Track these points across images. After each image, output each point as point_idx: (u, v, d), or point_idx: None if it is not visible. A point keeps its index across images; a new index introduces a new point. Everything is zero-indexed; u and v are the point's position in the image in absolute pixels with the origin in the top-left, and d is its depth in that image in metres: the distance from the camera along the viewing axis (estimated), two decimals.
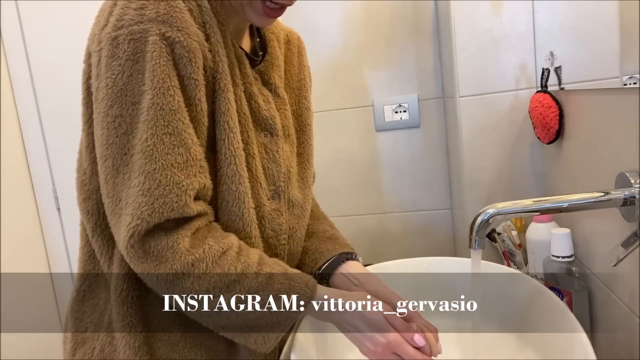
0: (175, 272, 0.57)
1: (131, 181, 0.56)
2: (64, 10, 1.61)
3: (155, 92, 0.55)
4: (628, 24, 0.68)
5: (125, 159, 0.56)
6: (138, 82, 0.55)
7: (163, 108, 0.55)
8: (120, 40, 0.55)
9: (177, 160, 0.56)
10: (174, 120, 0.56)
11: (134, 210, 0.55)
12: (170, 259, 0.56)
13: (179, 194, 0.56)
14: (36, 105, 1.69)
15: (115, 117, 0.56)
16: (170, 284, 0.58)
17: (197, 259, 0.57)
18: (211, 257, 0.58)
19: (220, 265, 0.59)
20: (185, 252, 0.57)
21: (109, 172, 0.57)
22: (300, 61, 0.83)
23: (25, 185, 1.73)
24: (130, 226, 0.55)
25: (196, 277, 0.57)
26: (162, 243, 0.56)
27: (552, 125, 0.90)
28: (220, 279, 0.58)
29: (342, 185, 1.49)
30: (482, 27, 1.07)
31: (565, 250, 0.80)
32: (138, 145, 0.55)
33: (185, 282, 0.57)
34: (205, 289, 0.58)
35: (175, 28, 0.55)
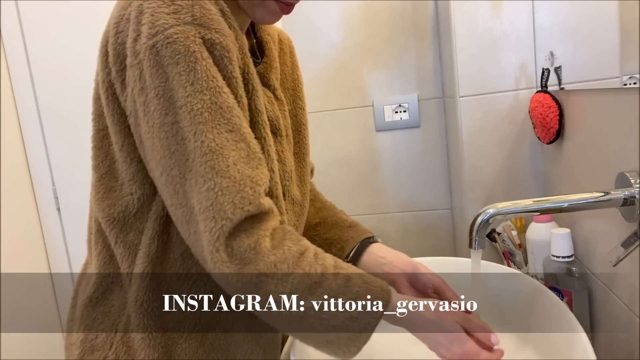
0: (259, 273, 0.56)
1: (201, 185, 0.54)
2: (64, 10, 1.61)
3: (212, 91, 0.54)
4: (628, 24, 0.68)
5: (189, 165, 0.55)
6: (183, 83, 0.54)
7: (221, 106, 0.55)
8: (159, 47, 0.53)
9: (242, 155, 0.56)
10: (232, 117, 0.56)
11: (216, 213, 0.54)
12: (253, 260, 0.56)
13: (252, 186, 0.55)
14: (36, 105, 1.69)
15: (172, 125, 0.55)
16: (254, 287, 0.56)
17: (279, 259, 0.56)
18: (292, 257, 0.57)
19: (301, 267, 0.58)
20: (267, 252, 0.56)
21: (177, 181, 0.56)
22: (293, 61, 0.83)
23: (25, 185, 1.73)
24: (214, 229, 0.54)
25: (279, 278, 0.56)
26: (244, 245, 0.55)
27: (552, 125, 0.90)
28: (302, 280, 0.57)
29: (342, 185, 1.49)
30: (482, 27, 1.07)
31: (565, 250, 0.80)
32: (204, 147, 0.54)
33: (269, 284, 0.56)
34: (289, 290, 0.57)
35: (213, 30, 0.55)
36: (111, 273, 0.66)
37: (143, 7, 0.55)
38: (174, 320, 0.64)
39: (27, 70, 1.67)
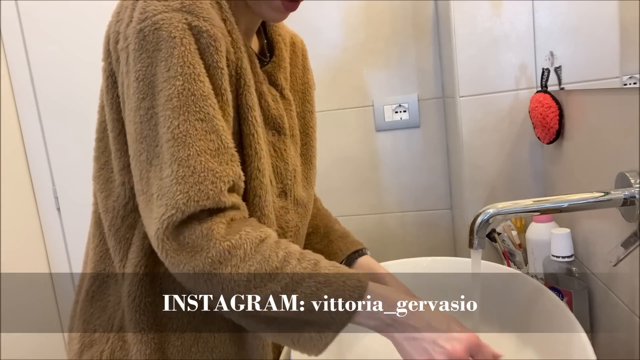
0: (211, 261, 0.53)
1: (163, 172, 0.53)
2: (64, 10, 1.61)
3: (185, 77, 0.53)
4: (628, 24, 0.68)
5: (156, 151, 0.54)
6: (162, 70, 0.54)
7: (194, 94, 0.53)
8: (146, 32, 0.53)
9: (210, 147, 0.54)
10: (205, 106, 0.54)
11: (168, 200, 0.52)
12: (205, 247, 0.53)
13: (214, 180, 0.53)
14: (36, 105, 1.69)
15: (147, 110, 0.54)
16: (208, 276, 0.54)
17: (234, 245, 0.54)
18: (249, 243, 0.54)
19: (260, 252, 0.54)
20: (220, 238, 0.53)
21: (143, 166, 0.55)
22: (304, 64, 0.83)
23: (25, 185, 1.73)
24: (164, 217, 0.52)
25: (234, 265, 0.53)
26: (196, 232, 0.53)
27: (552, 125, 0.90)
28: (261, 266, 0.54)
29: (342, 185, 1.49)
30: (482, 27, 1.07)
31: (565, 250, 0.80)
32: (168, 134, 0.53)
33: (223, 271, 0.53)
34: (246, 278, 0.53)
35: (201, 18, 0.55)
36: (106, 267, 0.66)
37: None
38: (167, 317, 0.63)
39: (27, 70, 1.67)
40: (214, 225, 0.54)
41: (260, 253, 0.54)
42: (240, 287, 0.54)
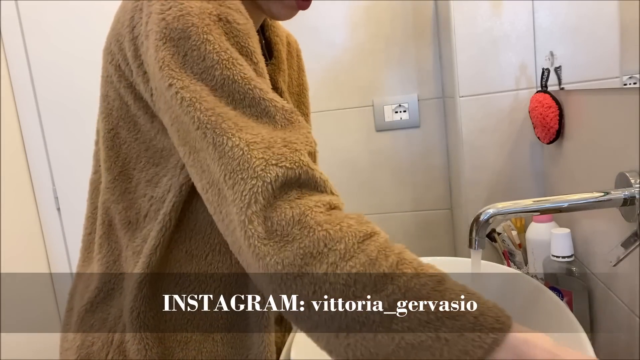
0: (303, 254, 0.43)
1: (222, 147, 0.46)
2: (64, 10, 1.61)
3: (222, 65, 0.48)
4: (628, 24, 0.68)
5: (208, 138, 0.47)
6: (195, 59, 0.49)
7: (235, 80, 0.49)
8: (169, 19, 0.49)
9: (266, 128, 0.48)
10: (250, 90, 0.49)
11: (244, 172, 0.44)
12: (297, 235, 0.43)
13: (286, 144, 0.47)
14: (36, 105, 1.69)
15: (183, 100, 0.49)
16: (298, 274, 0.43)
17: (332, 237, 0.43)
18: (352, 237, 0.44)
19: (366, 252, 0.43)
20: (315, 226, 0.44)
21: (200, 156, 0.49)
22: (299, 65, 0.82)
23: (25, 185, 1.73)
24: (245, 191, 0.44)
25: (331, 263, 0.42)
26: (287, 217, 0.44)
27: (552, 125, 0.90)
28: (364, 269, 0.42)
29: (342, 185, 1.49)
30: (482, 27, 1.07)
31: (565, 250, 0.80)
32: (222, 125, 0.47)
33: (317, 268, 0.42)
34: (344, 281, 0.42)
35: (225, 6, 0.51)
36: (113, 278, 0.64)
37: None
38: (170, 330, 0.61)
39: (27, 70, 1.67)
40: (307, 211, 0.45)
41: (366, 253, 0.43)
42: (336, 292, 0.42)
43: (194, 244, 0.61)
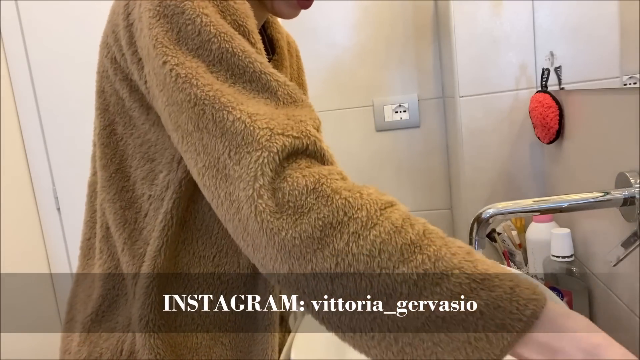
0: (323, 224, 0.39)
1: (223, 122, 0.44)
2: (64, 10, 1.61)
3: (219, 38, 0.46)
4: (628, 24, 0.68)
5: (206, 118, 0.44)
6: (190, 34, 0.46)
7: (234, 53, 0.46)
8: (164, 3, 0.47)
9: (268, 103, 0.46)
10: (250, 63, 0.46)
11: (248, 144, 0.41)
12: (314, 205, 0.40)
13: (291, 117, 0.44)
14: (36, 105, 1.69)
15: (177, 77, 0.46)
16: (319, 246, 0.39)
17: (352, 204, 0.40)
18: (374, 204, 0.40)
19: (390, 219, 0.40)
20: (333, 194, 0.40)
21: (196, 136, 0.45)
22: (299, 65, 0.82)
23: (25, 185, 1.73)
24: (250, 166, 0.41)
25: (353, 232, 0.39)
26: (300, 185, 0.41)
27: (552, 125, 0.90)
28: (390, 238, 0.38)
29: None
30: (482, 27, 1.07)
31: (565, 250, 0.80)
32: (217, 97, 0.44)
33: (338, 239, 0.39)
34: (368, 252, 0.38)
35: None
36: (117, 284, 0.61)
37: None
38: (180, 336, 0.59)
39: (27, 70, 1.67)
40: (322, 178, 0.41)
41: (390, 221, 0.40)
42: (360, 264, 0.38)
43: (201, 245, 0.59)
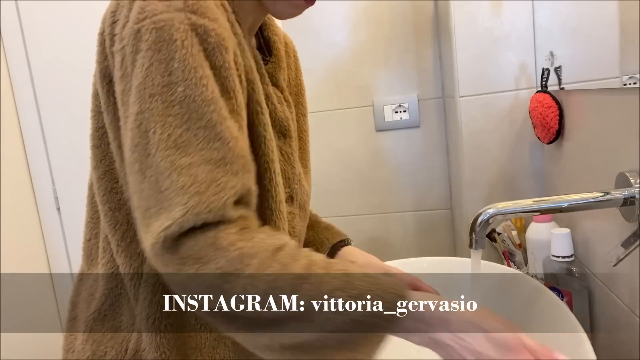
0: (221, 273, 0.46)
1: (160, 184, 0.48)
2: (64, 10, 1.61)
3: (186, 83, 0.49)
4: (628, 24, 0.68)
5: (149, 161, 0.49)
6: (162, 73, 0.49)
7: (195, 100, 0.49)
8: (143, 32, 0.49)
9: (214, 155, 0.49)
10: (208, 112, 0.49)
11: (168, 214, 0.47)
12: (213, 257, 0.46)
13: (217, 192, 0.48)
14: (36, 105, 1.69)
15: (137, 115, 0.49)
16: (218, 289, 0.47)
17: (246, 254, 0.47)
18: (264, 250, 0.48)
19: (278, 261, 0.48)
20: (229, 246, 0.47)
21: (137, 178, 0.50)
22: (296, 66, 0.82)
23: (25, 185, 1.73)
24: (160, 229, 0.47)
25: (248, 276, 0.46)
26: (199, 242, 0.47)
27: (552, 125, 0.90)
28: (280, 276, 0.47)
29: (342, 185, 1.49)
30: (482, 27, 1.07)
31: (565, 250, 0.80)
32: (169, 141, 0.48)
33: (235, 284, 0.47)
34: (263, 291, 0.47)
35: (206, 18, 0.50)
36: (119, 284, 0.61)
37: None
38: (185, 336, 0.59)
39: (27, 70, 1.67)
40: (220, 233, 0.48)
41: (279, 262, 0.47)
42: (255, 300, 0.47)
43: None
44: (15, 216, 1.66)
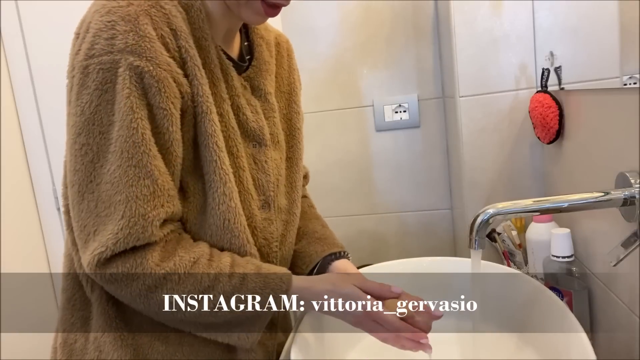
0: (147, 287, 0.58)
1: (98, 209, 0.57)
2: (64, 10, 1.61)
3: (120, 124, 0.56)
4: (628, 24, 0.68)
5: (90, 187, 0.57)
6: (107, 112, 0.56)
7: (127, 140, 0.56)
8: (90, 69, 0.55)
9: (143, 192, 0.57)
10: (138, 153, 0.56)
11: (102, 238, 0.56)
12: (141, 276, 0.57)
13: (144, 225, 0.56)
14: (36, 105, 1.69)
15: (82, 145, 0.57)
16: (145, 298, 0.59)
17: (169, 272, 0.58)
18: (183, 267, 0.59)
19: (193, 275, 0.60)
20: (154, 266, 0.58)
21: (75, 197, 0.58)
22: (290, 64, 0.82)
23: (25, 185, 1.73)
24: (95, 252, 0.56)
25: (169, 289, 0.59)
26: (129, 262, 0.57)
27: (552, 125, 0.90)
28: (194, 287, 0.59)
29: (342, 185, 1.49)
30: (482, 27, 1.07)
31: (565, 250, 0.80)
32: (107, 175, 0.56)
33: (159, 294, 0.59)
34: (182, 299, 0.59)
35: (144, 58, 0.56)
36: (80, 288, 0.68)
37: (90, 25, 0.57)
38: (141, 330, 0.66)
39: (27, 70, 1.67)
40: (147, 254, 0.57)
41: (193, 276, 0.59)
42: (177, 307, 0.60)
43: None
44: (15, 216, 1.66)
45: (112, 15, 0.56)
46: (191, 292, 0.59)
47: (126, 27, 0.55)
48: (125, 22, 0.55)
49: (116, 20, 0.55)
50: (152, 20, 0.57)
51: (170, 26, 0.59)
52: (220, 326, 0.64)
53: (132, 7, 0.56)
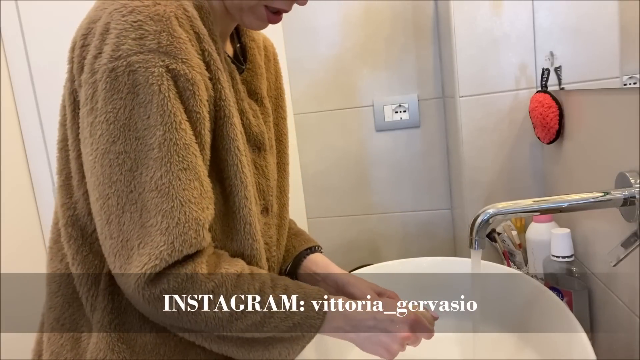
0: (200, 299, 0.56)
1: (144, 220, 0.53)
2: (64, 10, 1.61)
3: (167, 127, 0.52)
4: (628, 24, 0.68)
5: (131, 197, 0.53)
6: (141, 116, 0.52)
7: (177, 143, 0.53)
8: (119, 72, 0.52)
9: (194, 195, 0.54)
10: (188, 155, 0.54)
11: (152, 250, 0.52)
12: (190, 289, 0.55)
13: (197, 229, 0.54)
14: (36, 105, 1.69)
15: (119, 154, 0.53)
16: (193, 315, 0.56)
17: (217, 284, 0.56)
18: (230, 280, 0.57)
19: (240, 287, 0.58)
20: (205, 280, 0.55)
21: (113, 211, 0.54)
22: (276, 69, 0.82)
23: (25, 185, 1.73)
24: (147, 267, 0.52)
25: (218, 302, 0.57)
26: (180, 276, 0.54)
27: (552, 125, 0.90)
28: (242, 300, 0.58)
29: (342, 185, 1.49)
30: (482, 27, 1.07)
31: (565, 250, 0.80)
32: (151, 183, 0.53)
33: (212, 307, 0.56)
34: (229, 314, 0.57)
35: (179, 60, 0.53)
36: (75, 296, 0.64)
37: (110, 25, 0.53)
38: (133, 330, 0.62)
39: (27, 70, 1.67)
40: (197, 267, 0.55)
41: (240, 288, 0.58)
42: (223, 321, 0.57)
43: None
44: (15, 216, 1.66)
45: (137, 15, 0.52)
46: (239, 306, 0.58)
47: (157, 27, 0.52)
48: (154, 22, 0.52)
49: (143, 19, 0.52)
50: (179, 22, 0.54)
51: (194, 29, 0.57)
52: (262, 341, 0.62)
53: (159, 7, 0.53)
